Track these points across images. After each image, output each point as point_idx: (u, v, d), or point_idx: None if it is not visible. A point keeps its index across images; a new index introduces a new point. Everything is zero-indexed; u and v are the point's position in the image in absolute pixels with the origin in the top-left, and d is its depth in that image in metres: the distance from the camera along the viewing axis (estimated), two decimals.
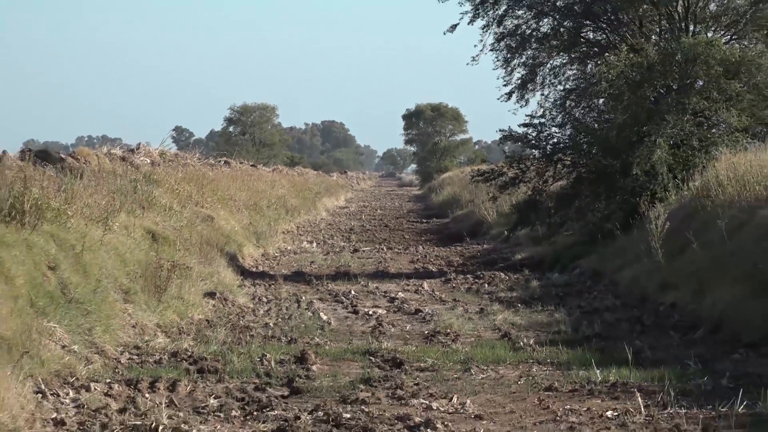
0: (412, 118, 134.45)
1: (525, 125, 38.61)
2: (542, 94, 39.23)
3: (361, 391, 17.00)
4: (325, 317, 25.12)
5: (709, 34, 37.02)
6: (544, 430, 14.81)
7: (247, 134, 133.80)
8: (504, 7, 38.83)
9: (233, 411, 15.84)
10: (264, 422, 15.17)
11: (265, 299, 28.34)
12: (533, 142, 38.38)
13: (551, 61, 39.23)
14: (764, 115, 34.74)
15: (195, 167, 48.89)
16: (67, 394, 16.41)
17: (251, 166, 74.08)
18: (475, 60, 39.75)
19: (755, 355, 18.94)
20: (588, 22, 38.95)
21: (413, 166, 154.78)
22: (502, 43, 39.14)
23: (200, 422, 15.18)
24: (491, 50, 39.31)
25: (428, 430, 14.58)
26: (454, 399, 16.48)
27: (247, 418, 15.50)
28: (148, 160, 41.03)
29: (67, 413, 15.49)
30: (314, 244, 47.60)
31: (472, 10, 38.91)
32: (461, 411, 15.82)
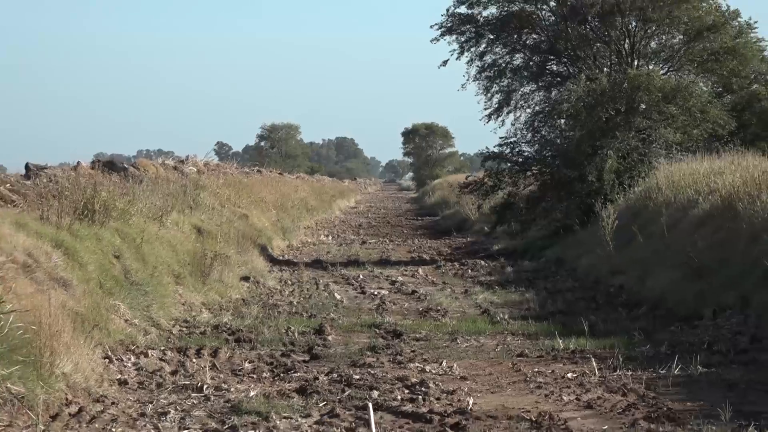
0: (410, 134, 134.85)
1: (500, 145, 38.92)
2: (515, 116, 39.40)
3: (368, 356, 17.08)
4: (338, 297, 25.15)
5: (650, 67, 37.20)
6: (516, 389, 14.85)
7: (275, 148, 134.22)
8: (484, 45, 39.16)
9: (264, 373, 15.93)
10: (289, 382, 15.24)
11: (290, 282, 28.34)
12: (508, 156, 38.64)
13: (522, 89, 39.42)
14: (695, 133, 34.91)
15: (233, 175, 48.93)
16: (129, 359, 16.49)
17: (278, 174, 73.97)
18: (464, 87, 39.93)
19: (688, 327, 18.97)
20: (552, 57, 39.13)
21: (410, 173, 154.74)
22: (483, 74, 39.34)
23: (237, 382, 15.26)
24: (474, 80, 39.51)
25: (422, 388, 14.59)
26: (444, 363, 16.53)
27: (275, 378, 15.57)
28: (195, 169, 41.05)
29: (129, 375, 15.57)
30: (330, 238, 47.57)
31: (458, 47, 39.16)
32: (449, 373, 15.87)
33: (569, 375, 15.53)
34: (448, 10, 39.10)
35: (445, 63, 39.88)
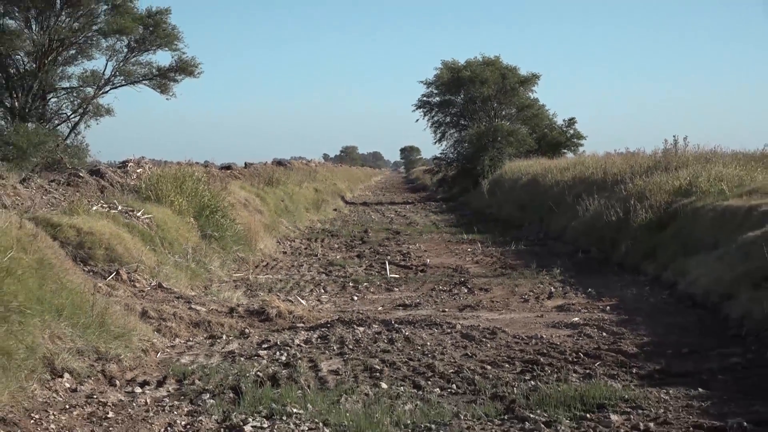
0: (403, 150, 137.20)
1: (441, 153, 39.10)
2: (447, 142, 39.09)
3: (386, 242, 16.95)
4: (373, 217, 24.99)
5: (503, 122, 36.93)
6: (447, 255, 14.73)
7: (348, 156, 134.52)
8: (433, 113, 38.93)
9: (342, 248, 15.83)
10: (353, 252, 15.14)
11: (353, 211, 28.10)
12: (444, 159, 38.63)
13: (450, 131, 39.02)
14: (521, 150, 34.50)
15: (330, 167, 49.10)
16: (287, 243, 16.47)
17: (349, 167, 73.87)
18: (425, 130, 39.96)
19: (518, 230, 18.68)
20: (462, 117, 38.60)
21: (404, 166, 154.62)
22: (432, 125, 39.11)
23: (332, 252, 15.20)
24: (429, 127, 39.32)
25: (408, 255, 14.55)
26: (417, 244, 16.42)
27: (347, 251, 15.45)
28: (314, 164, 41.08)
29: (287, 249, 15.54)
30: (369, 192, 47.26)
31: (423, 114, 39.06)
32: (420, 249, 15.73)
33: (468, 249, 15.41)
34: (418, 99, 39.18)
35: (417, 120, 40.12)
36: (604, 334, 7.70)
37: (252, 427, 4.93)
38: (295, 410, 5.22)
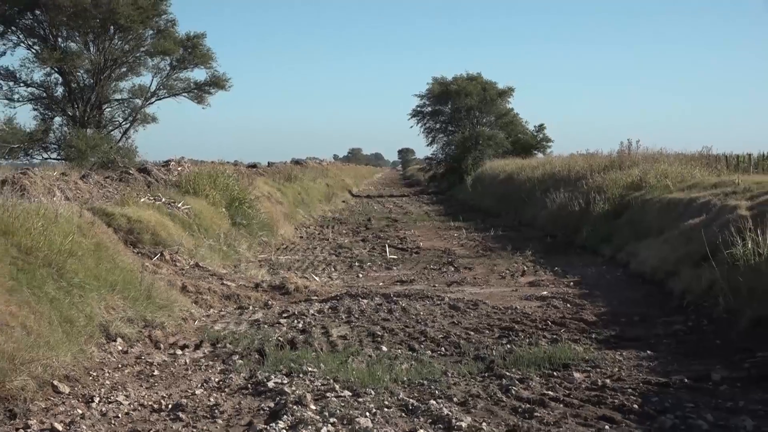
0: (400, 151, 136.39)
1: (432, 154, 39.04)
2: (437, 145, 38.88)
3: (386, 228, 16.85)
4: (375, 207, 24.86)
5: (484, 128, 36.71)
6: (437, 240, 14.64)
7: (355, 156, 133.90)
8: (425, 120, 38.69)
9: (349, 233, 15.73)
10: (358, 237, 15.05)
11: (359, 203, 27.99)
12: (434, 158, 38.50)
13: (439, 136, 38.80)
14: (499, 151, 34.31)
15: (339, 166, 48.88)
16: (303, 229, 16.37)
17: (356, 165, 73.56)
18: (419, 135, 39.58)
19: (496, 218, 18.68)
20: (450, 123, 38.39)
21: (401, 165, 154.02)
22: (425, 130, 38.89)
23: (341, 237, 15.09)
24: (422, 132, 39.11)
25: (404, 239, 14.46)
26: (412, 231, 16.31)
27: (353, 236, 15.34)
28: (326, 163, 40.89)
29: (303, 235, 15.44)
30: (372, 188, 47.02)
31: (417, 120, 38.80)
32: (414, 234, 15.62)
33: (455, 234, 15.30)
34: (412, 109, 38.96)
35: (411, 126, 40.06)
36: (569, 305, 7.68)
37: (274, 383, 4.92)
38: (310, 369, 5.22)
